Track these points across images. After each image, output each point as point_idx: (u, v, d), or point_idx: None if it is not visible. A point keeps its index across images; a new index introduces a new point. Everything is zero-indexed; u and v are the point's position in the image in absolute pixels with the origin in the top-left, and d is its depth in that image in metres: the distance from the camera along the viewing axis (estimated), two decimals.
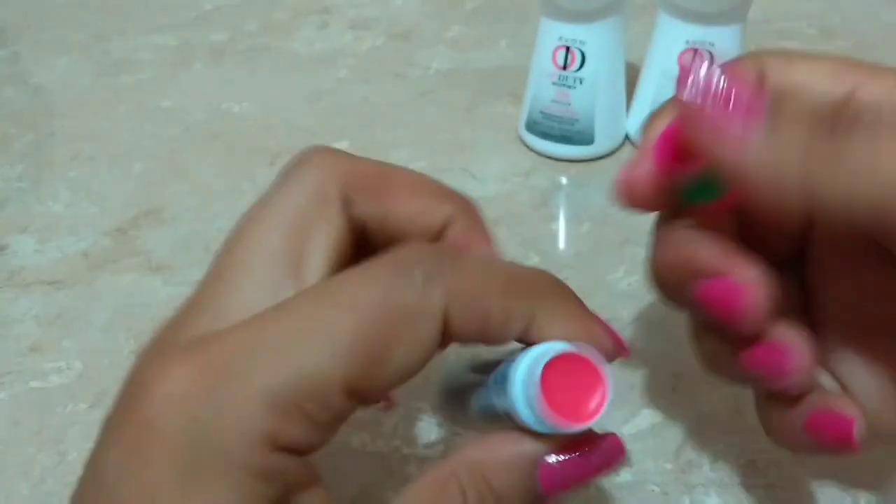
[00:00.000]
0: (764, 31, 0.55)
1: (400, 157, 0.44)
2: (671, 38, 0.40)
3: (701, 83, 0.17)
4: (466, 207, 0.22)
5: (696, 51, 0.18)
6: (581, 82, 0.41)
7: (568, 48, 0.40)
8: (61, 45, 0.58)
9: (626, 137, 0.44)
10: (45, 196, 0.43)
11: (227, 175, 0.44)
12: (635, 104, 0.43)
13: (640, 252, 0.37)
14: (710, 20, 0.39)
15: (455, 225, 0.21)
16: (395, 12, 0.60)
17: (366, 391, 0.16)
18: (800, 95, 0.19)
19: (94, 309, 0.36)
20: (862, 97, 0.19)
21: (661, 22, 0.41)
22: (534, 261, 0.37)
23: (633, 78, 0.43)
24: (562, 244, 0.38)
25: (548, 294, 0.19)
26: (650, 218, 0.39)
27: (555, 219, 0.40)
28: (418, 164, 0.43)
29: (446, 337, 0.17)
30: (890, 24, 0.55)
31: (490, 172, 0.42)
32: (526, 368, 0.17)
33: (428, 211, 0.21)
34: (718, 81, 0.17)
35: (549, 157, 0.43)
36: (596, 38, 0.40)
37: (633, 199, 0.21)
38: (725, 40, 0.39)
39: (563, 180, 0.42)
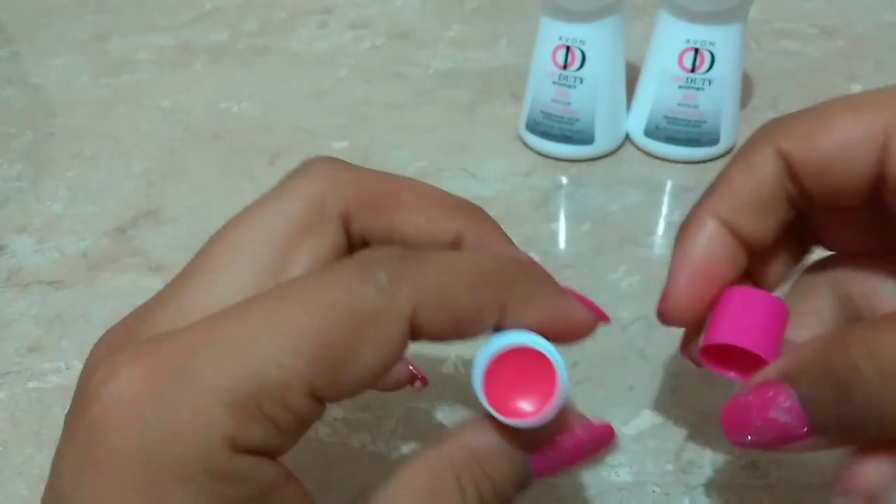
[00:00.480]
0: (764, 31, 0.55)
1: (400, 157, 0.44)
2: (671, 38, 0.40)
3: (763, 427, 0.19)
4: (478, 218, 0.21)
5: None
6: (581, 82, 0.41)
7: (568, 48, 0.40)
8: (61, 45, 0.58)
9: (627, 137, 0.44)
10: (45, 196, 0.43)
11: (227, 175, 0.43)
12: (635, 104, 0.43)
13: (640, 252, 0.37)
14: (711, 20, 0.39)
15: (468, 239, 0.20)
16: (395, 12, 0.60)
17: (330, 393, 0.16)
18: (834, 166, 0.20)
19: (94, 309, 0.36)
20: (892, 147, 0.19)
21: (661, 22, 0.41)
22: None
23: (633, 78, 0.43)
24: (562, 244, 0.38)
25: (518, 281, 0.18)
26: (650, 218, 0.39)
27: (555, 219, 0.39)
28: (418, 164, 0.43)
29: (417, 335, 0.17)
30: (890, 24, 0.55)
31: (490, 172, 0.42)
32: (481, 360, 0.17)
33: (436, 226, 0.20)
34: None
35: (549, 157, 0.43)
36: (596, 38, 0.40)
37: (675, 317, 0.22)
38: (725, 40, 0.39)
39: (563, 180, 0.42)
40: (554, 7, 0.40)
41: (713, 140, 0.41)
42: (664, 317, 0.22)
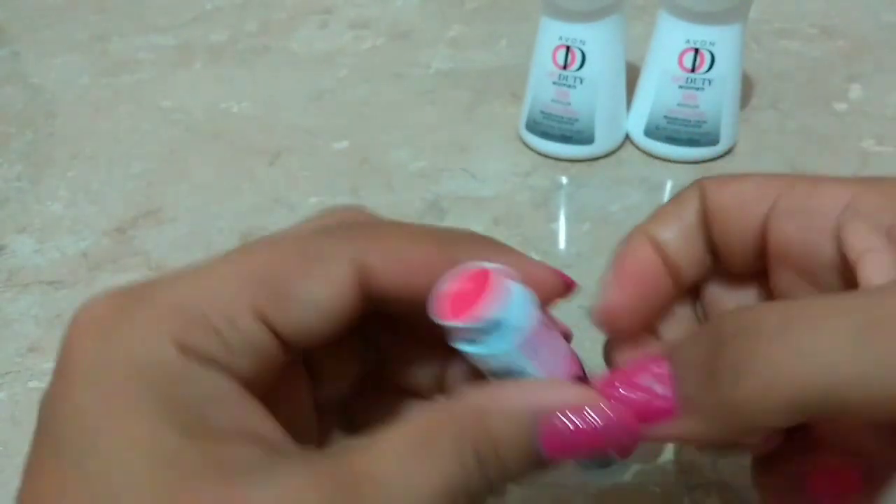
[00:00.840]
0: (764, 31, 0.55)
1: (400, 157, 0.44)
2: (671, 38, 0.40)
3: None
4: (473, 242, 0.20)
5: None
6: (581, 82, 0.41)
7: (568, 48, 0.40)
8: (61, 45, 0.58)
9: (626, 137, 0.44)
10: (45, 196, 0.43)
11: (227, 175, 0.43)
12: (635, 104, 0.43)
13: None
14: (710, 20, 0.39)
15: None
16: (395, 12, 0.60)
17: (278, 320, 0.17)
18: (731, 216, 0.22)
19: None
20: (780, 206, 0.21)
21: (661, 22, 0.41)
22: None
23: (633, 78, 0.43)
24: (562, 244, 0.38)
25: (473, 239, 0.19)
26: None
27: (555, 219, 0.39)
28: (418, 164, 0.43)
29: (371, 285, 0.18)
30: (890, 24, 0.55)
31: (490, 172, 0.42)
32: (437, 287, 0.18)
33: (434, 265, 0.19)
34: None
35: (549, 157, 0.43)
36: (596, 38, 0.40)
37: (612, 326, 0.22)
38: (725, 40, 0.39)
39: (563, 180, 0.42)
40: (554, 7, 0.40)
41: (713, 140, 0.41)
42: (599, 323, 0.22)
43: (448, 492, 0.16)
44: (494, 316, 0.17)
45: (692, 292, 0.24)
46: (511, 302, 0.18)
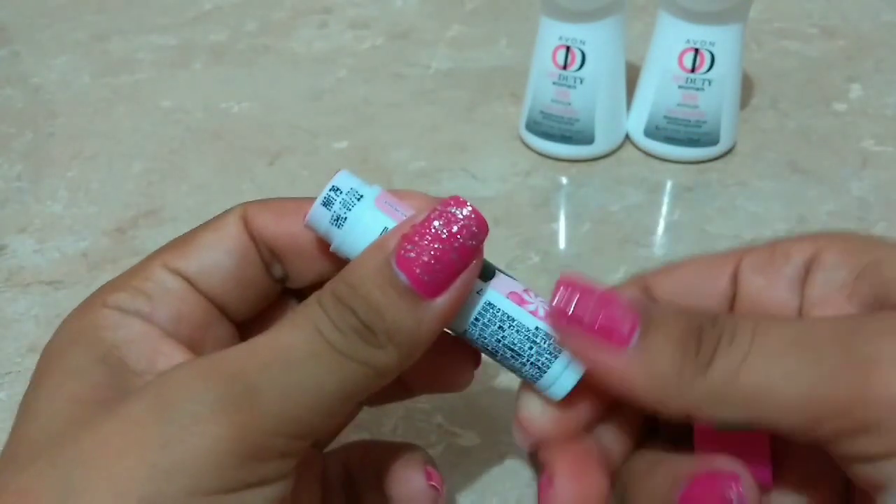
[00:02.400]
0: (764, 30, 0.55)
1: (400, 157, 0.44)
2: (671, 38, 0.40)
3: (577, 304, 0.19)
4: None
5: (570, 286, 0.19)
6: (581, 82, 0.41)
7: (568, 48, 0.40)
8: (61, 45, 0.58)
9: (626, 137, 0.44)
10: (45, 196, 0.43)
11: (227, 175, 0.43)
12: (635, 104, 0.43)
13: (640, 252, 0.37)
14: (710, 20, 0.39)
15: None
16: (395, 12, 0.60)
17: (180, 265, 0.20)
18: (682, 296, 0.22)
19: None
20: (742, 281, 0.21)
21: (661, 22, 0.41)
22: (534, 260, 0.37)
23: (633, 78, 0.43)
24: (562, 244, 0.38)
25: None
26: (650, 218, 0.39)
27: (555, 219, 0.39)
28: (418, 164, 0.43)
29: (254, 230, 0.21)
30: (890, 24, 0.55)
31: (490, 172, 0.42)
32: None
33: (300, 206, 0.22)
34: (594, 303, 0.19)
35: (549, 157, 0.43)
36: (596, 38, 0.40)
37: (535, 436, 0.21)
38: (725, 40, 0.39)
39: (563, 180, 0.42)
40: (554, 7, 0.40)
41: (713, 140, 0.41)
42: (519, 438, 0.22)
43: (311, 341, 0.17)
44: (330, 189, 0.20)
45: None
46: (346, 182, 0.20)
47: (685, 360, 0.18)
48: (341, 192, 0.20)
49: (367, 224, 0.20)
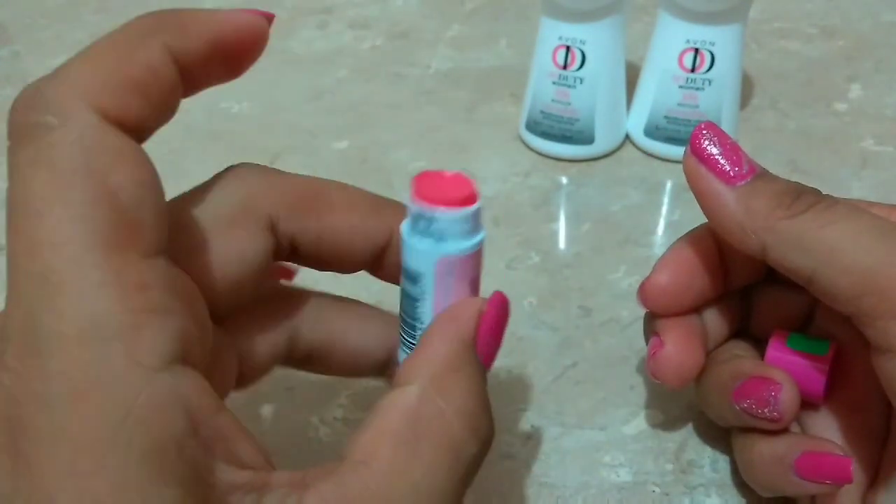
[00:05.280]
0: (764, 31, 0.55)
1: (400, 157, 0.44)
2: (671, 38, 0.40)
3: (712, 141, 0.23)
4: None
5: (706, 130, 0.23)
6: (581, 82, 0.41)
7: (568, 48, 0.40)
8: (61, 45, 0.58)
9: (627, 137, 0.44)
10: None
11: None
12: (635, 104, 0.43)
13: (640, 252, 0.37)
14: (710, 20, 0.39)
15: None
16: (395, 12, 0.60)
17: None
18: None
19: None
20: None
21: (661, 22, 0.41)
22: (534, 260, 0.37)
23: (633, 78, 0.43)
24: (562, 244, 0.38)
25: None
26: (650, 218, 0.39)
27: (555, 219, 0.39)
28: (418, 164, 0.43)
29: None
30: (890, 24, 0.55)
31: (490, 172, 0.42)
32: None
33: (366, 227, 0.21)
34: (727, 146, 0.23)
35: (549, 157, 0.43)
36: (596, 38, 0.40)
37: (651, 304, 0.26)
38: (725, 40, 0.39)
39: (563, 180, 0.42)
40: (554, 7, 0.40)
41: None
42: (641, 298, 0.26)
43: (452, 460, 0.17)
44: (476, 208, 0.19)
45: (742, 293, 0.27)
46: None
47: (780, 205, 0.21)
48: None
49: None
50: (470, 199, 0.19)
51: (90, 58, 0.17)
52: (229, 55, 0.20)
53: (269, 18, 0.21)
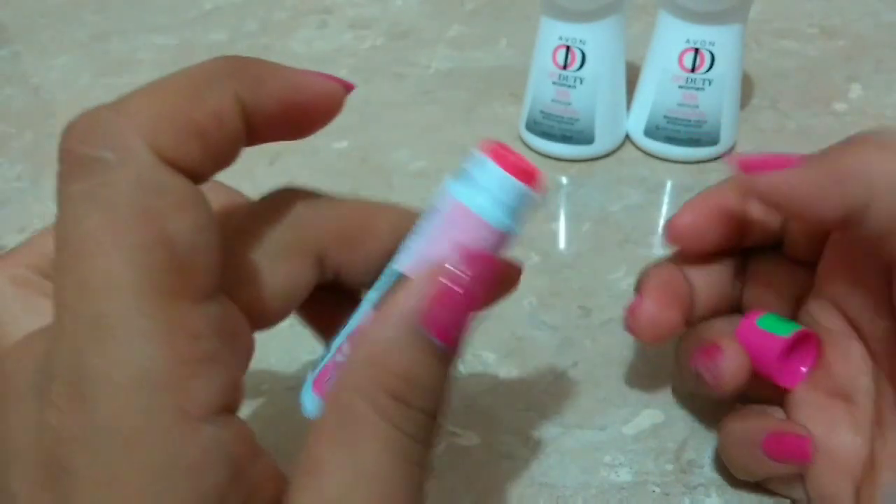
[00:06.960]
0: (764, 31, 0.55)
1: (400, 157, 0.44)
2: (671, 38, 0.40)
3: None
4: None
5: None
6: (581, 82, 0.41)
7: (568, 47, 0.40)
8: (61, 44, 0.58)
9: (627, 137, 0.44)
10: (45, 196, 0.43)
11: (227, 174, 0.43)
12: (635, 104, 0.43)
13: (640, 252, 0.37)
14: (710, 20, 0.39)
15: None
16: (395, 12, 0.60)
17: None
18: None
19: None
20: None
21: (661, 22, 0.41)
22: (534, 260, 0.37)
23: (633, 78, 0.43)
24: (562, 244, 0.38)
25: (251, 66, 0.19)
26: (650, 218, 0.39)
27: (555, 219, 0.39)
28: (418, 164, 0.43)
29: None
30: (890, 24, 0.55)
31: None
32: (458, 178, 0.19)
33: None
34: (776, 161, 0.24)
35: (549, 157, 0.43)
36: (596, 38, 0.40)
37: (674, 239, 0.27)
38: (725, 40, 0.39)
39: (563, 180, 0.42)
40: (554, 7, 0.40)
41: (713, 140, 0.41)
42: (665, 232, 0.27)
43: (390, 449, 0.16)
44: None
45: (737, 271, 0.28)
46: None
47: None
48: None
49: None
50: (530, 181, 0.18)
51: (156, 93, 0.17)
52: (300, 119, 0.19)
53: (349, 88, 0.20)
